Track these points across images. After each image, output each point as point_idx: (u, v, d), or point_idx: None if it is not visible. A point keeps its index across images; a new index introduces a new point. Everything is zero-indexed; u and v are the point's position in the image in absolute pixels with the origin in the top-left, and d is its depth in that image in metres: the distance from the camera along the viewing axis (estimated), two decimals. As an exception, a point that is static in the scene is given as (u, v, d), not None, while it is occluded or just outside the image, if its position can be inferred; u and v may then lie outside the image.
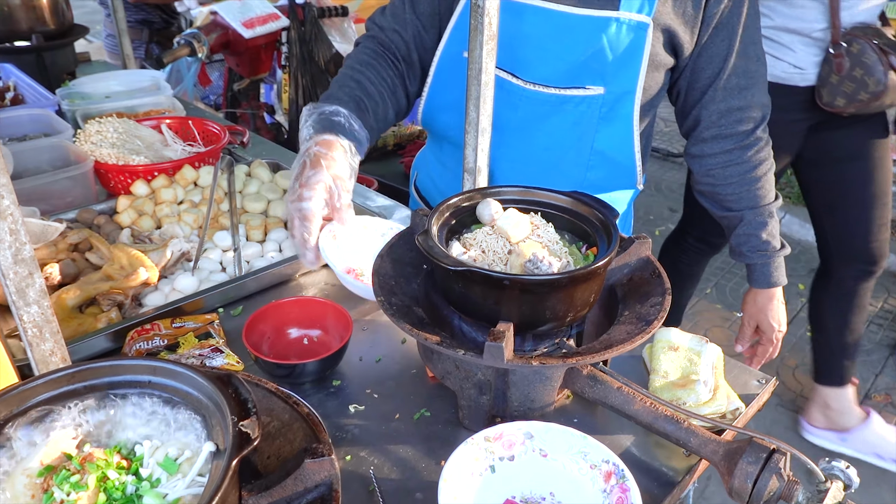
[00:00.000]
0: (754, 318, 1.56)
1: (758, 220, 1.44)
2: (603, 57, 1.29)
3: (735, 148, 1.40)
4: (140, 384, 0.74)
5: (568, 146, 1.40)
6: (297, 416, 0.81)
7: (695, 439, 0.96)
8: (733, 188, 1.44)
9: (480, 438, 0.96)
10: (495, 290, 0.96)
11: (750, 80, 1.35)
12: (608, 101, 1.33)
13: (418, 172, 1.78)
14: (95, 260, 1.42)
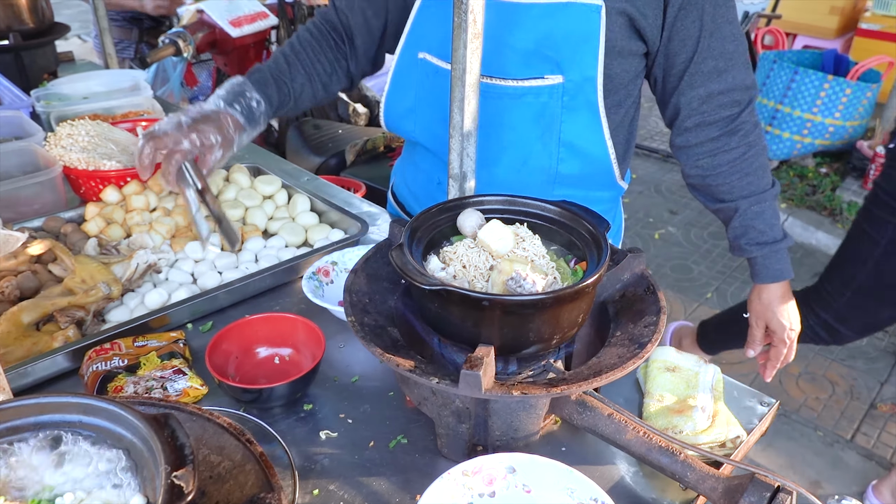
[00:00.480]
0: (762, 318, 1.43)
1: (753, 209, 1.33)
2: (556, 44, 1.23)
3: (721, 135, 1.30)
4: (70, 424, 0.66)
5: (534, 139, 1.33)
6: (250, 456, 0.73)
7: (692, 474, 0.88)
8: (724, 177, 1.34)
9: (458, 473, 0.88)
10: (474, 310, 0.88)
11: (728, 62, 1.25)
12: (569, 90, 1.27)
13: (395, 178, 1.71)
14: (59, 272, 1.34)
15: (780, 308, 1.40)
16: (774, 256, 1.37)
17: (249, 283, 1.34)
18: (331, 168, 2.60)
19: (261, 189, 1.67)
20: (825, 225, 4.10)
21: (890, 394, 2.98)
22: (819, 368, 3.12)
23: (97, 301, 1.21)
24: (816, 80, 4.26)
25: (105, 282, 1.21)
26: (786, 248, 1.37)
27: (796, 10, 6.00)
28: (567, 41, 1.22)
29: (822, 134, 4.42)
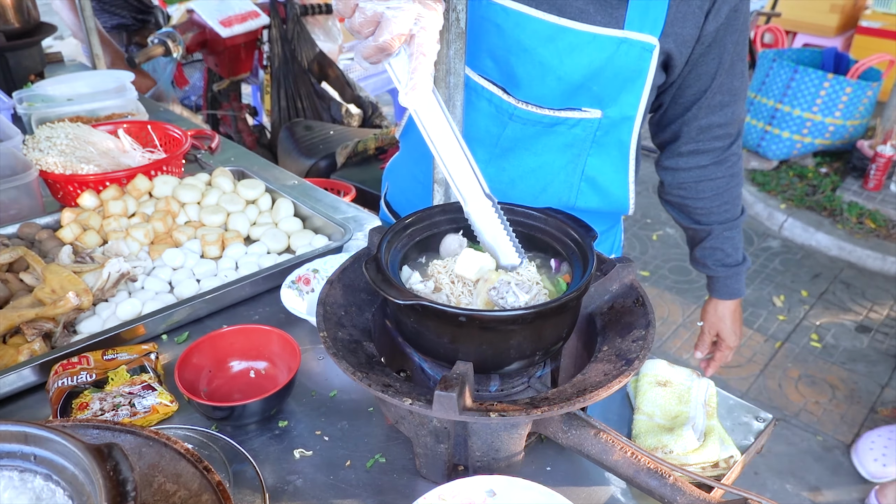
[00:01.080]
0: (715, 328, 1.57)
1: (725, 234, 1.44)
2: (603, 79, 1.17)
3: (710, 164, 1.36)
4: (9, 455, 0.62)
5: (557, 169, 1.29)
6: (207, 485, 0.69)
7: (682, 498, 0.83)
8: (704, 202, 1.41)
9: (435, 497, 0.83)
10: (451, 326, 0.83)
11: (732, 97, 1.29)
12: (604, 126, 1.23)
13: (389, 184, 1.65)
14: (31, 281, 1.29)
15: (732, 322, 1.54)
16: (735, 277, 1.49)
17: (228, 292, 1.29)
18: (321, 170, 2.55)
19: (244, 193, 1.63)
20: (825, 226, 4.05)
21: (891, 397, 2.93)
22: (819, 372, 3.07)
23: (66, 312, 1.17)
24: (816, 78, 4.20)
25: (75, 292, 1.17)
26: (744, 270, 1.49)
27: (796, 7, 5.95)
28: (615, 78, 1.18)
29: (822, 133, 4.37)
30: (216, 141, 2.08)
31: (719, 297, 1.52)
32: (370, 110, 3.21)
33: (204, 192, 1.61)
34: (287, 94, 3.17)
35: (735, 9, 1.17)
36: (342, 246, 1.45)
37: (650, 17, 1.14)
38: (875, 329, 3.36)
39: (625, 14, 1.13)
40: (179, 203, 1.56)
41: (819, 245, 3.99)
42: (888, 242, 3.88)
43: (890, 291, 3.65)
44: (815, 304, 3.54)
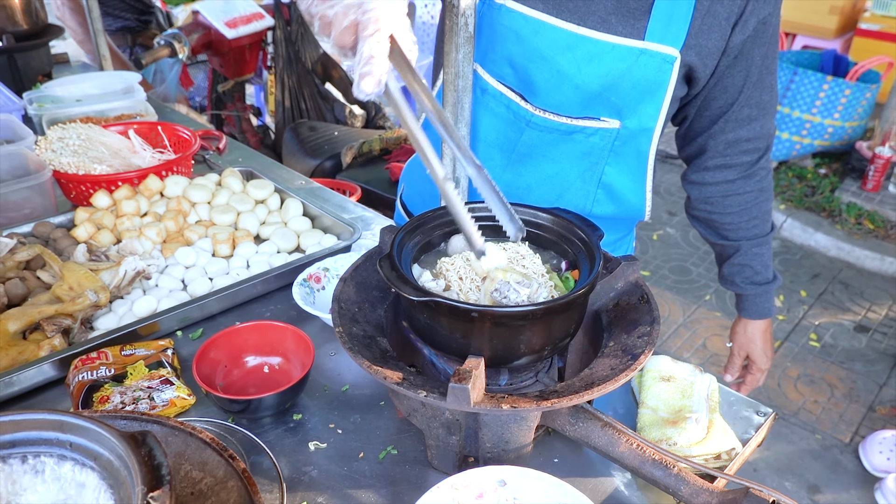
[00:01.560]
0: (745, 349, 1.51)
1: (754, 250, 1.40)
2: (622, 89, 1.17)
3: (738, 178, 1.33)
4: (46, 442, 0.65)
5: (574, 176, 1.29)
6: (233, 472, 0.72)
7: (685, 487, 0.86)
8: (732, 217, 1.37)
9: (447, 487, 0.86)
10: (463, 322, 0.86)
11: (761, 111, 1.27)
12: (622, 136, 1.23)
13: (405, 186, 1.66)
14: (47, 279, 1.32)
15: (763, 342, 1.48)
16: (764, 295, 1.44)
17: (240, 290, 1.32)
18: (326, 171, 2.58)
19: (253, 194, 1.66)
20: (824, 226, 4.09)
21: (889, 396, 2.96)
22: (818, 371, 3.10)
23: (84, 309, 1.19)
24: (816, 80, 4.24)
25: (93, 289, 1.20)
26: (774, 289, 1.44)
27: (796, 9, 5.98)
28: (634, 89, 1.17)
29: (821, 135, 4.41)
30: (223, 142, 2.11)
31: (749, 317, 1.47)
32: (373, 111, 3.24)
33: (214, 192, 1.64)
34: (291, 94, 3.19)
35: (764, 21, 1.15)
36: (351, 245, 1.48)
37: (672, 29, 1.13)
38: (873, 329, 3.39)
39: (646, 25, 1.13)
40: (190, 203, 1.59)
41: (818, 245, 4.02)
42: (886, 243, 3.91)
43: (888, 291, 3.68)
44: (814, 304, 3.57)
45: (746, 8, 1.14)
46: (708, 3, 1.13)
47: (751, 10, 1.14)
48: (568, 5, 1.14)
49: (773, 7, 1.16)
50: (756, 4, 1.14)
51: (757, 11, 1.14)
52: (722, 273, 1.47)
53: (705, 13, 1.13)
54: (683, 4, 1.13)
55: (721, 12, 1.13)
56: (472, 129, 1.30)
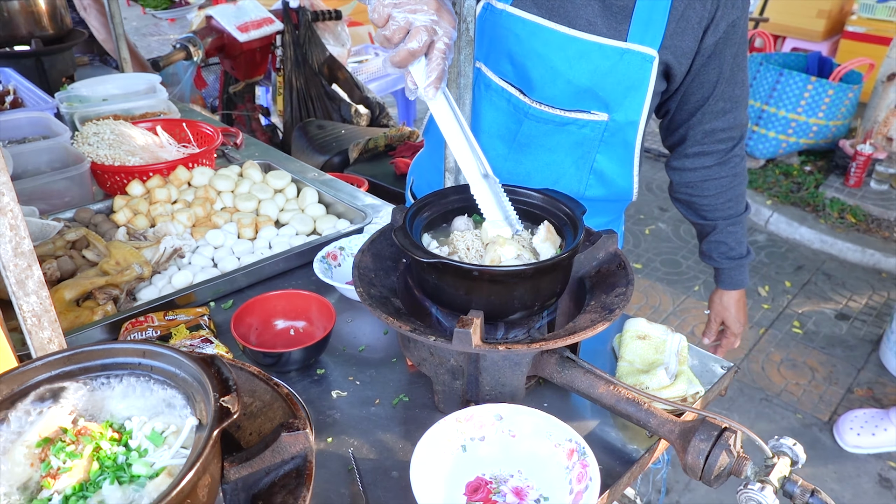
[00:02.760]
0: (720, 316, 1.69)
1: (729, 229, 1.56)
2: (608, 85, 1.33)
3: (714, 164, 1.49)
4: (130, 366, 0.80)
5: (568, 164, 1.45)
6: (278, 396, 0.87)
7: (654, 420, 1.02)
8: (709, 200, 1.54)
9: (453, 420, 1.02)
10: (465, 280, 1.02)
11: (734, 104, 1.42)
12: (610, 128, 1.38)
13: (415, 178, 1.82)
14: (92, 257, 1.48)
15: (736, 310, 1.66)
16: (739, 269, 1.61)
17: (265, 266, 1.48)
18: (335, 165, 2.74)
19: (272, 183, 1.82)
20: (808, 220, 4.25)
21: (866, 379, 3.12)
22: (800, 356, 3.26)
23: (130, 280, 1.35)
24: (801, 81, 4.41)
25: (138, 263, 1.35)
26: (748, 263, 1.60)
27: (784, 13, 6.16)
28: (619, 86, 1.32)
29: (806, 133, 4.58)
30: (240, 138, 2.27)
31: (724, 288, 1.64)
32: (377, 110, 3.40)
33: (237, 182, 1.80)
34: (299, 95, 3.35)
35: (733, 24, 1.31)
36: (363, 228, 1.64)
37: (650, 31, 1.29)
38: (854, 317, 3.55)
39: (628, 27, 1.29)
40: (216, 191, 1.75)
41: (802, 239, 4.19)
42: (867, 236, 4.08)
43: (868, 282, 3.85)
44: (798, 293, 3.73)
45: (717, 13, 1.30)
46: (682, 8, 1.29)
47: (721, 15, 1.30)
48: (559, 10, 1.30)
49: (741, 11, 1.33)
50: (725, 10, 1.30)
51: (727, 16, 1.30)
52: (701, 249, 1.65)
53: (679, 17, 1.29)
54: (660, 9, 1.29)
55: (693, 17, 1.29)
56: (477, 122, 1.46)
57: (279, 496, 0.76)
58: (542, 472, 0.99)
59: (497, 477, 1.00)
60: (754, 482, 0.91)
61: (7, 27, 2.55)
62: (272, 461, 0.77)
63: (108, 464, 0.69)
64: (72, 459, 0.69)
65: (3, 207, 0.86)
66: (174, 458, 0.71)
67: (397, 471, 1.03)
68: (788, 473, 0.93)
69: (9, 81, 2.37)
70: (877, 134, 4.49)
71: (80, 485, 0.68)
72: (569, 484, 0.96)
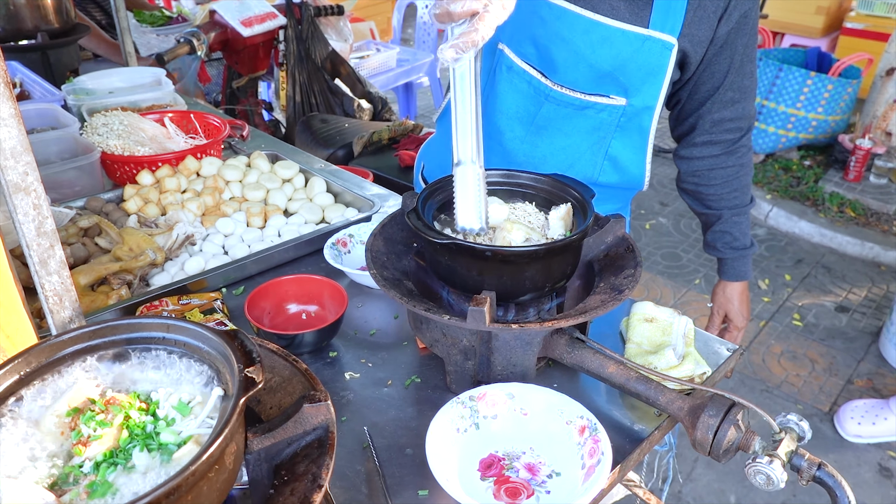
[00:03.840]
0: (724, 308, 1.68)
1: (734, 219, 1.57)
2: (629, 70, 1.35)
3: (722, 154, 1.51)
4: (155, 340, 0.82)
5: (584, 149, 1.47)
6: (296, 371, 0.89)
7: (663, 397, 1.04)
8: (715, 189, 1.56)
9: (466, 398, 1.04)
10: (478, 261, 1.04)
11: (742, 94, 1.44)
12: (628, 113, 1.41)
13: (425, 163, 1.83)
14: (104, 244, 1.49)
15: (739, 303, 1.66)
16: (742, 260, 1.61)
17: (275, 253, 1.50)
18: (339, 159, 2.76)
19: (280, 173, 1.84)
20: (808, 214, 4.28)
21: (866, 370, 3.15)
22: (800, 348, 3.29)
23: (144, 266, 1.37)
24: (800, 76, 4.43)
25: (151, 249, 1.37)
26: (751, 254, 1.61)
27: (783, 9, 6.19)
28: (639, 71, 1.35)
29: (805, 128, 4.60)
30: (247, 130, 2.28)
31: (728, 279, 1.64)
32: (380, 105, 3.42)
33: (245, 172, 1.81)
34: (302, 90, 3.37)
35: (745, 14, 1.34)
36: (371, 216, 1.66)
37: (671, 18, 1.31)
38: (853, 309, 3.58)
39: (650, 14, 1.31)
40: (224, 181, 1.77)
41: (802, 233, 4.22)
42: (866, 230, 4.11)
43: (868, 275, 3.87)
44: (798, 286, 3.76)
45: (731, 3, 1.32)
46: None
47: (734, 5, 1.33)
48: None
49: (753, 2, 1.35)
50: (739, 0, 1.32)
51: (740, 6, 1.33)
52: (706, 240, 1.66)
53: (697, 6, 1.32)
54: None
55: (709, 6, 1.32)
56: (495, 103, 1.48)
57: (302, 465, 0.78)
58: (554, 449, 1.01)
59: (510, 454, 1.02)
60: (762, 456, 0.93)
61: (13, 21, 2.56)
62: (294, 432, 0.79)
63: (137, 432, 0.71)
64: (102, 428, 0.71)
65: (28, 187, 0.88)
66: (200, 428, 0.73)
67: (411, 448, 1.05)
68: (795, 448, 0.96)
69: (15, 74, 2.38)
70: (876, 128, 4.52)
71: (111, 452, 0.69)
72: (580, 459, 0.98)
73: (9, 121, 0.83)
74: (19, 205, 0.88)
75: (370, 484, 0.99)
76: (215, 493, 0.69)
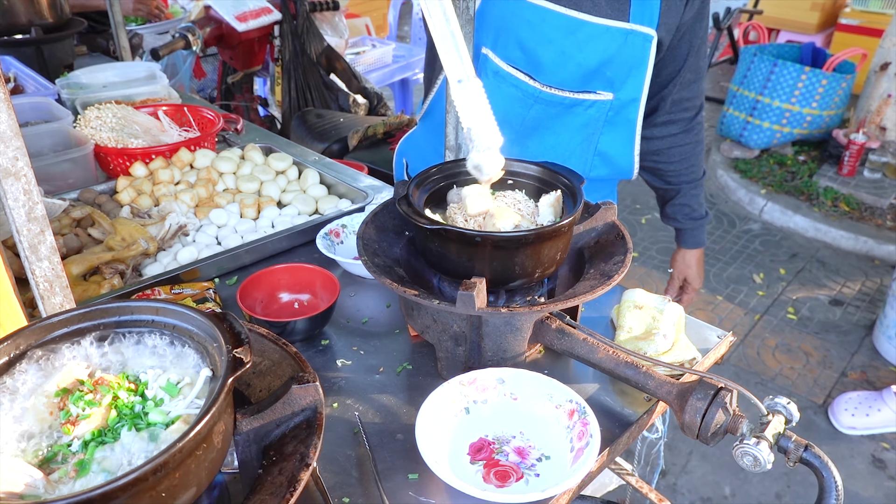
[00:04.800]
0: (683, 273, 1.83)
1: (692, 192, 1.69)
2: (614, 65, 1.39)
3: (680, 132, 1.60)
4: (144, 323, 0.83)
5: (574, 147, 1.51)
6: (286, 354, 0.90)
7: (652, 382, 1.05)
8: (675, 166, 1.65)
9: (456, 383, 1.05)
10: (468, 246, 1.05)
11: (697, 75, 1.52)
12: (615, 107, 1.45)
13: (408, 160, 1.87)
14: (97, 235, 1.50)
15: (697, 267, 1.81)
16: (699, 229, 1.75)
17: (268, 243, 1.50)
18: (334, 153, 2.76)
19: (274, 165, 1.84)
20: (802, 209, 4.29)
21: (860, 363, 3.16)
22: (794, 341, 3.30)
23: (136, 255, 1.37)
24: (794, 71, 4.44)
25: (144, 238, 1.37)
26: (706, 223, 1.73)
27: (778, 6, 6.20)
28: (624, 64, 1.40)
29: (800, 123, 4.61)
30: (241, 123, 2.28)
31: (686, 247, 1.78)
32: (375, 100, 3.42)
33: (238, 164, 1.82)
34: (297, 85, 3.37)
35: None
36: (364, 207, 1.66)
37: (647, 10, 1.36)
38: (847, 303, 3.59)
39: (629, 8, 1.35)
40: (218, 172, 1.77)
41: (797, 227, 4.23)
42: (860, 224, 4.12)
43: (861, 269, 3.89)
44: (793, 280, 3.77)
45: None
46: None
47: None
48: None
49: None
50: None
51: None
52: (665, 213, 1.76)
53: None
54: None
55: None
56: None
57: (290, 445, 0.78)
58: (544, 433, 1.02)
59: (500, 437, 1.02)
60: (750, 437, 0.94)
61: (7, 15, 2.56)
62: (283, 413, 0.79)
63: (125, 412, 0.72)
64: (90, 407, 0.71)
65: (18, 172, 0.89)
66: (189, 408, 0.74)
67: (402, 433, 1.06)
68: (783, 430, 0.96)
69: (9, 69, 2.38)
70: (869, 123, 4.53)
71: (99, 431, 0.70)
72: (570, 442, 0.99)
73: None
74: (9, 190, 0.88)
75: (361, 468, 0.99)
76: (203, 471, 0.70)
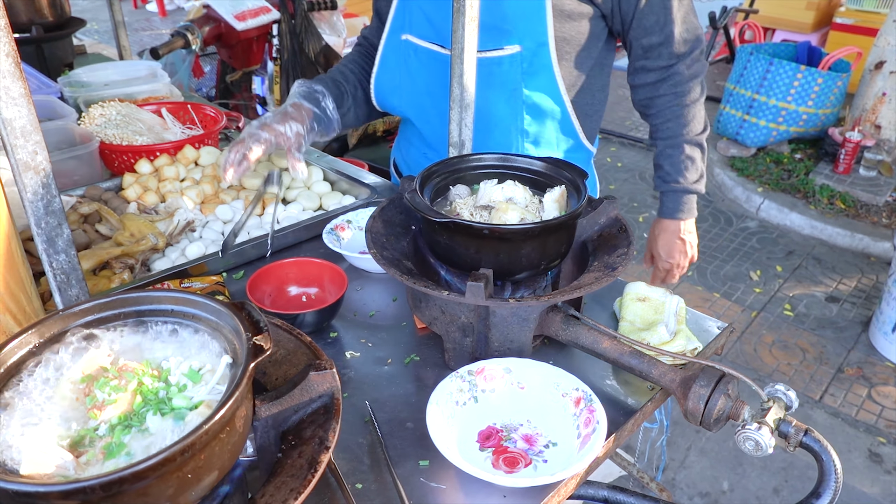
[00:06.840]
0: (650, 245, 1.69)
1: (667, 151, 1.55)
2: (508, 16, 1.40)
3: (656, 81, 1.51)
4: (164, 312, 0.84)
5: (501, 104, 1.52)
6: (301, 344, 0.92)
7: (655, 370, 1.07)
8: (654, 119, 1.56)
9: (465, 372, 1.07)
10: (475, 239, 1.07)
11: (666, 17, 1.43)
12: (527, 57, 1.45)
13: (395, 156, 1.91)
14: (105, 231, 1.51)
15: (663, 240, 1.63)
16: (672, 195, 1.58)
17: (275, 239, 1.52)
18: (333, 151, 2.78)
19: (277, 162, 1.85)
20: (799, 207, 4.33)
21: (856, 359, 3.20)
22: (791, 337, 3.34)
23: (146, 250, 1.39)
24: (790, 70, 4.48)
25: (153, 234, 1.39)
26: (683, 194, 1.57)
27: (774, 5, 6.25)
28: (517, 12, 1.40)
29: (796, 121, 4.66)
30: (243, 122, 2.30)
31: (659, 216, 1.63)
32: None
33: (243, 161, 1.83)
34: (296, 84, 3.38)
35: None
36: (368, 203, 1.68)
37: None
38: (843, 299, 3.63)
39: None
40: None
41: (793, 225, 4.27)
42: (856, 221, 4.17)
43: (857, 265, 3.93)
44: (789, 277, 3.81)
45: None
46: None
47: None
48: None
49: None
50: None
51: None
52: None
53: None
54: None
55: None
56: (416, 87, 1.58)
57: (309, 430, 0.80)
58: (551, 421, 1.04)
59: (507, 426, 1.05)
60: (752, 423, 0.96)
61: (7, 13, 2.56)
62: (301, 399, 0.81)
63: (150, 397, 0.74)
64: (116, 393, 0.73)
65: (37, 166, 0.90)
66: (211, 394, 0.76)
67: (412, 422, 1.08)
68: (783, 416, 0.99)
69: (11, 67, 2.38)
70: (865, 121, 4.57)
71: (125, 415, 0.72)
72: (576, 429, 1.01)
73: (19, 100, 0.85)
74: (29, 183, 0.90)
75: (372, 455, 1.01)
76: (226, 453, 0.72)
